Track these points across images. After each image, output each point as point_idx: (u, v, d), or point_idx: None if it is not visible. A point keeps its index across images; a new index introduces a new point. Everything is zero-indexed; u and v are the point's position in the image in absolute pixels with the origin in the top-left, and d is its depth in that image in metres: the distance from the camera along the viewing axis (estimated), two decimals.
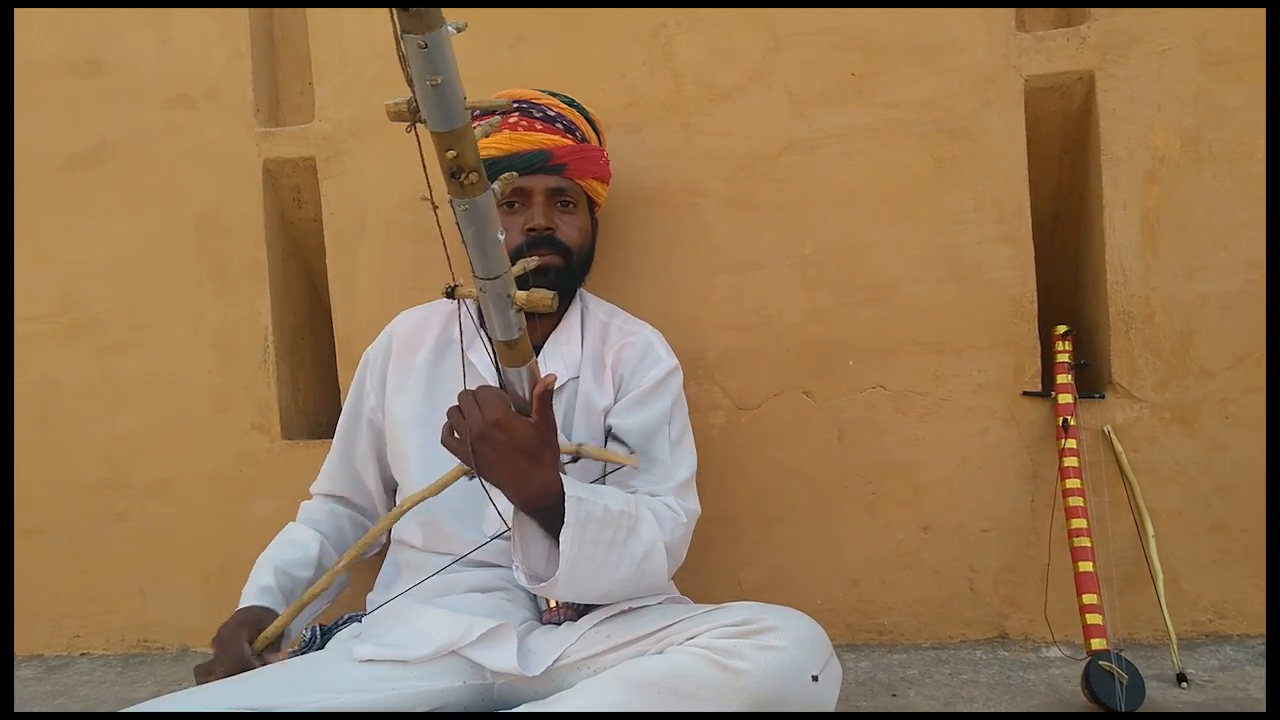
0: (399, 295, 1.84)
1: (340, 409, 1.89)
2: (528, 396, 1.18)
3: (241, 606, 1.42)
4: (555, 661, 1.26)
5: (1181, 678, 1.49)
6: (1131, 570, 1.64)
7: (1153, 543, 1.59)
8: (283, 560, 1.52)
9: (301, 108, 1.98)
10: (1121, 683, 1.38)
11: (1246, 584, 1.63)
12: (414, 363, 1.58)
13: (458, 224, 1.01)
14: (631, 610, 1.31)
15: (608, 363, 1.52)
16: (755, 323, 1.75)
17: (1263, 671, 1.52)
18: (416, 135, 0.98)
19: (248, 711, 1.17)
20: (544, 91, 1.56)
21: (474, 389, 1.19)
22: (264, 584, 1.47)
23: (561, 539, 1.18)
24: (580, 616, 1.35)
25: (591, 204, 1.59)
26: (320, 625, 1.81)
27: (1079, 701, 1.45)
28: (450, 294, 1.15)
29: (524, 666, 1.24)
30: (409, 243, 1.85)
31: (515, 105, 1.53)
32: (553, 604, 1.37)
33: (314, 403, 2.03)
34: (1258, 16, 1.58)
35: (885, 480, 1.73)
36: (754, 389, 1.75)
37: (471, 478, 1.26)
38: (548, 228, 1.48)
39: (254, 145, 1.89)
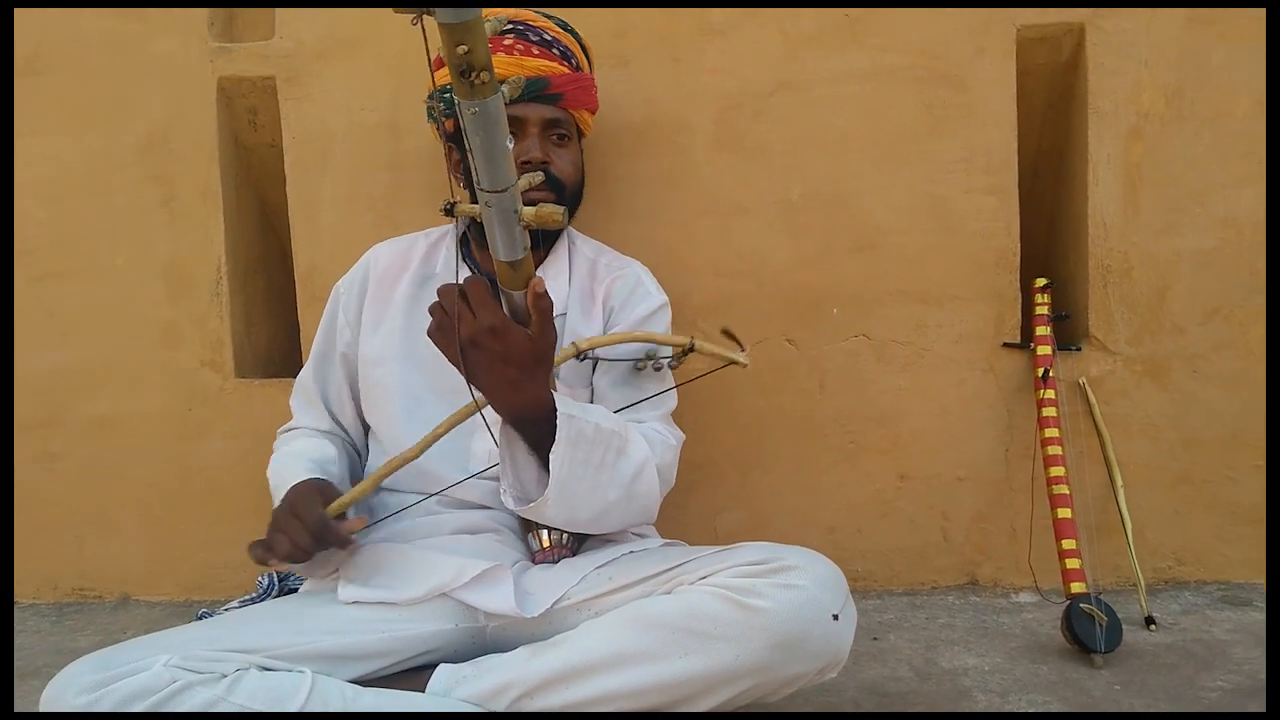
0: (368, 226, 1.75)
1: (299, 347, 1.80)
2: (523, 303, 1.11)
3: (294, 483, 1.27)
4: (555, 603, 1.22)
5: (1150, 620, 1.53)
6: (1099, 519, 1.68)
7: (1121, 493, 1.63)
8: (313, 456, 1.40)
9: (258, 23, 1.84)
10: (1101, 625, 1.41)
11: (1206, 533, 1.69)
12: (392, 297, 1.50)
13: (464, 132, 0.92)
14: (632, 554, 1.28)
15: (598, 296, 1.47)
16: (740, 268, 1.72)
17: (1223, 615, 1.58)
18: (423, 29, 0.89)
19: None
20: (538, 12, 1.48)
21: (461, 283, 1.09)
22: (306, 469, 1.33)
23: (552, 457, 1.14)
24: (575, 557, 1.31)
25: (580, 136, 1.53)
26: (275, 573, 1.75)
27: (1055, 643, 1.49)
28: (449, 210, 1.08)
29: (522, 608, 1.20)
30: (379, 170, 1.75)
31: (511, 25, 1.46)
32: (546, 543, 1.32)
33: (267, 340, 1.92)
34: None
35: (865, 429, 1.73)
36: (739, 332, 1.72)
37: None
38: (544, 161, 1.41)
39: (208, 62, 1.76)
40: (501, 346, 1.09)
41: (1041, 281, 1.70)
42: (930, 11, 1.66)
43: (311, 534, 1.17)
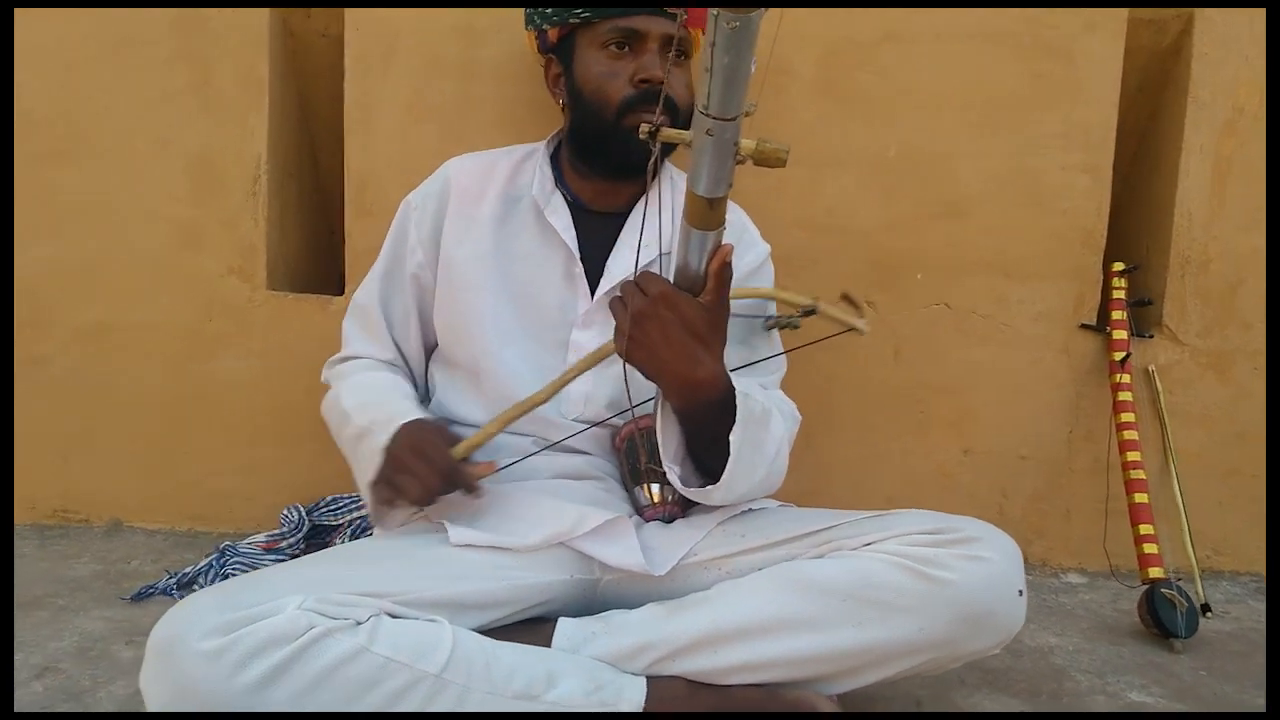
0: (430, 139, 1.59)
1: (338, 261, 1.64)
2: (701, 268, 1.02)
3: (407, 420, 1.14)
4: (680, 560, 1.13)
5: (1206, 608, 1.56)
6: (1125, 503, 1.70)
7: (1175, 482, 1.65)
8: (404, 391, 1.27)
9: None
10: (1181, 610, 1.42)
11: (1245, 525, 1.74)
12: (477, 216, 1.36)
13: (712, 46, 0.81)
14: (752, 511, 1.20)
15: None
16: (827, 224, 1.65)
17: (1263, 606, 1.62)
18: None
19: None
20: None
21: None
22: (408, 405, 1.20)
23: (733, 439, 1.05)
24: (685, 515, 1.23)
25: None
26: (301, 507, 1.60)
27: (1123, 625, 1.50)
28: (652, 135, 0.97)
29: (650, 564, 1.11)
30: (447, 78, 1.59)
31: None
32: (656, 498, 1.23)
33: (297, 251, 1.74)
34: None
35: (935, 400, 1.69)
36: (817, 294, 1.65)
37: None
38: (663, 80, 1.30)
39: None
40: (676, 315, 1.00)
41: (1120, 266, 1.70)
42: None
43: (442, 477, 1.06)
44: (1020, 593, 1.02)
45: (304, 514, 1.54)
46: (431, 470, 1.07)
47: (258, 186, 1.59)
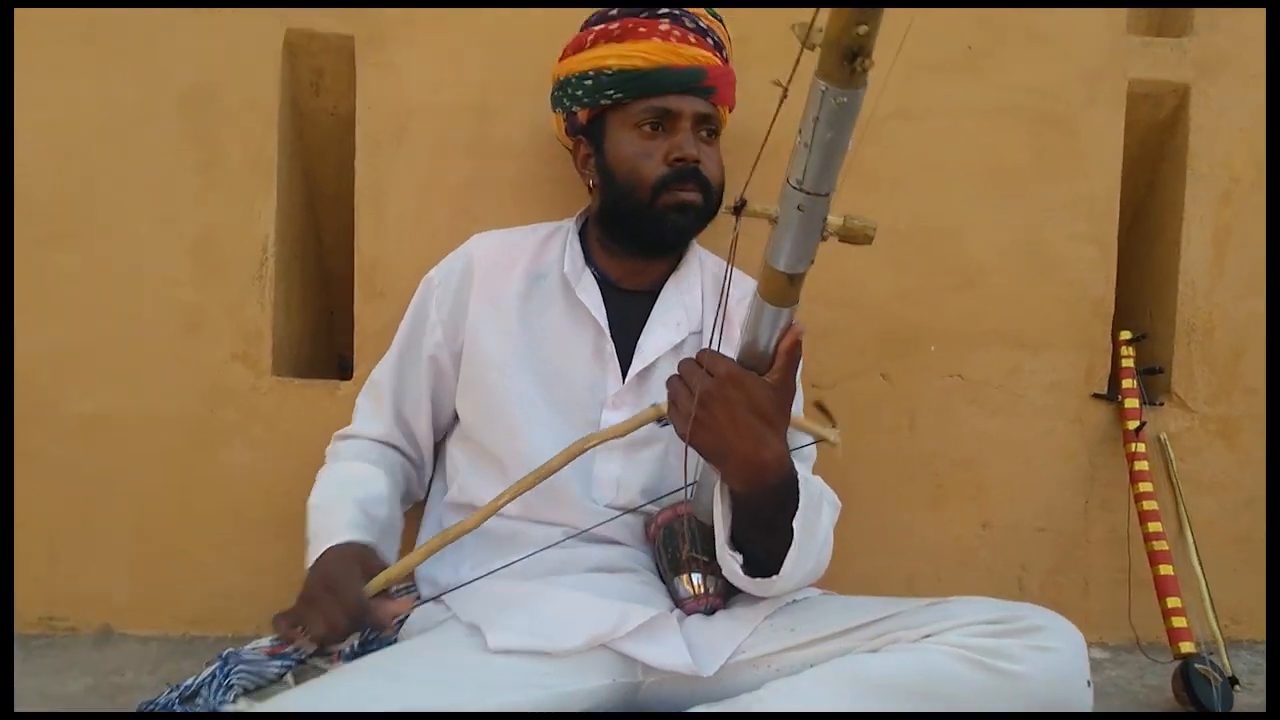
0: (443, 219, 1.57)
1: (349, 344, 1.61)
2: (770, 345, 1.00)
3: (334, 544, 1.12)
4: (729, 658, 1.09)
5: (1234, 680, 1.55)
6: (1144, 575, 1.69)
7: (1193, 550, 1.65)
8: (361, 495, 1.24)
9: None
10: (1215, 685, 1.41)
11: (1260, 592, 1.73)
12: (503, 294, 1.34)
13: (815, 120, 0.81)
14: (798, 601, 1.17)
15: (735, 318, 1.36)
16: (841, 296, 1.65)
17: None
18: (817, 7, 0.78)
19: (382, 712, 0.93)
20: None
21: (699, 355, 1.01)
22: (350, 518, 1.18)
23: (796, 525, 1.02)
24: (726, 605, 1.19)
25: None
26: None
27: (1154, 702, 1.48)
28: (738, 209, 0.95)
29: (697, 663, 1.07)
30: (461, 156, 1.57)
31: (665, 9, 1.33)
32: (698, 589, 1.19)
33: (300, 334, 1.69)
34: None
35: (952, 472, 1.68)
36: (831, 367, 1.65)
37: (664, 423, 1.07)
38: (697, 159, 1.29)
39: (276, 11, 1.53)
40: (743, 395, 0.98)
41: (1128, 334, 1.71)
42: (1048, 53, 1.65)
43: (349, 616, 1.04)
44: (1089, 683, 1.00)
45: None
46: (338, 607, 1.03)
47: (264, 269, 1.55)
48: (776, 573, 1.05)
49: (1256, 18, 1.67)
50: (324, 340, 1.80)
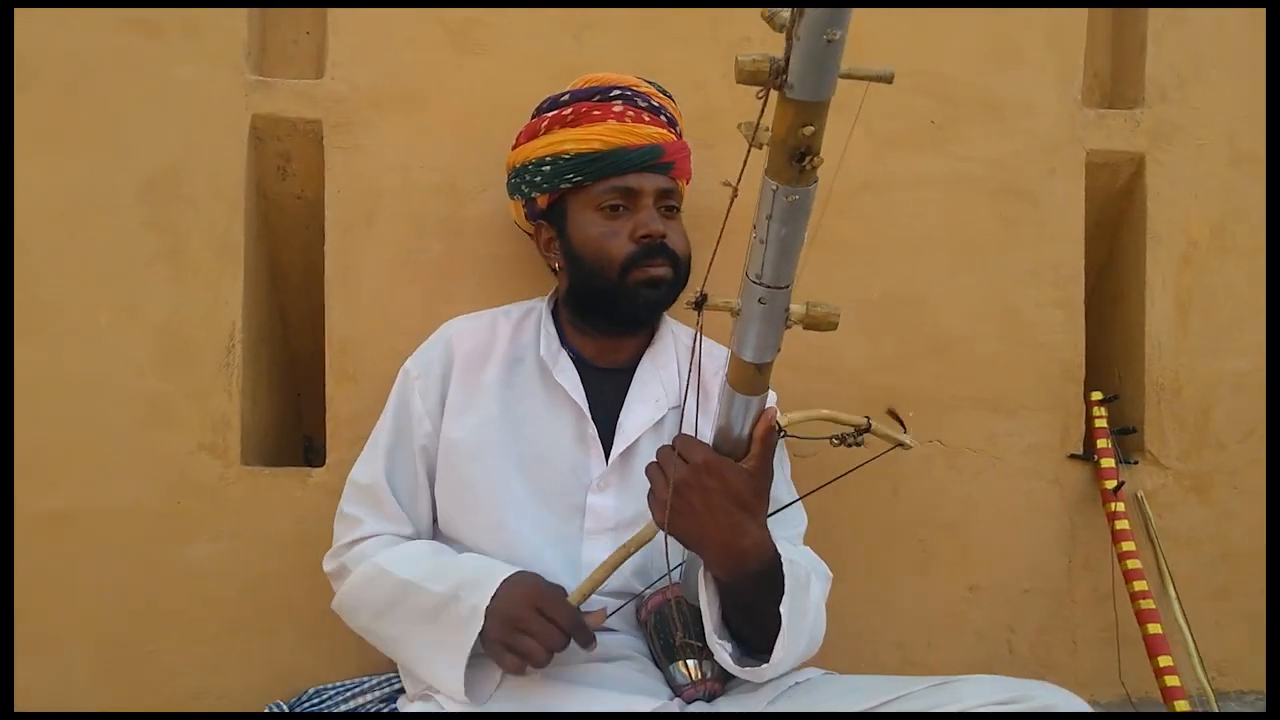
0: (416, 300, 1.54)
1: (320, 431, 1.56)
2: (744, 432, 1.00)
3: (503, 578, 1.11)
4: None
5: None
6: (1131, 631, 1.70)
7: (1176, 605, 1.66)
8: (457, 550, 1.26)
9: (293, 59, 1.62)
10: None
11: (1244, 643, 1.75)
12: (481, 382, 1.32)
13: (768, 218, 0.83)
14: (799, 685, 1.15)
15: (711, 390, 1.35)
16: (818, 365, 1.65)
17: None
18: (763, 104, 0.79)
19: None
20: (641, 79, 1.38)
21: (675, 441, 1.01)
22: (483, 561, 1.19)
23: (784, 610, 1.01)
24: (731, 692, 1.16)
25: None
26: (282, 701, 1.48)
27: None
28: (699, 305, 0.96)
29: None
30: (432, 237, 1.56)
31: (617, 90, 1.34)
32: (695, 675, 1.16)
33: (268, 422, 1.64)
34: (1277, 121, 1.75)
35: (936, 537, 1.68)
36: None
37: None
38: (663, 234, 1.30)
39: (241, 96, 1.51)
40: (719, 482, 0.98)
41: (1098, 395, 1.74)
42: (1007, 126, 1.69)
43: (566, 633, 1.04)
44: None
45: (281, 708, 1.41)
46: (554, 628, 1.03)
47: (232, 356, 1.50)
48: (768, 658, 1.04)
49: (1204, 89, 1.74)
50: (291, 425, 1.75)
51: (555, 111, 1.32)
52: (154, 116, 1.50)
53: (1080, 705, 1.00)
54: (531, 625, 1.04)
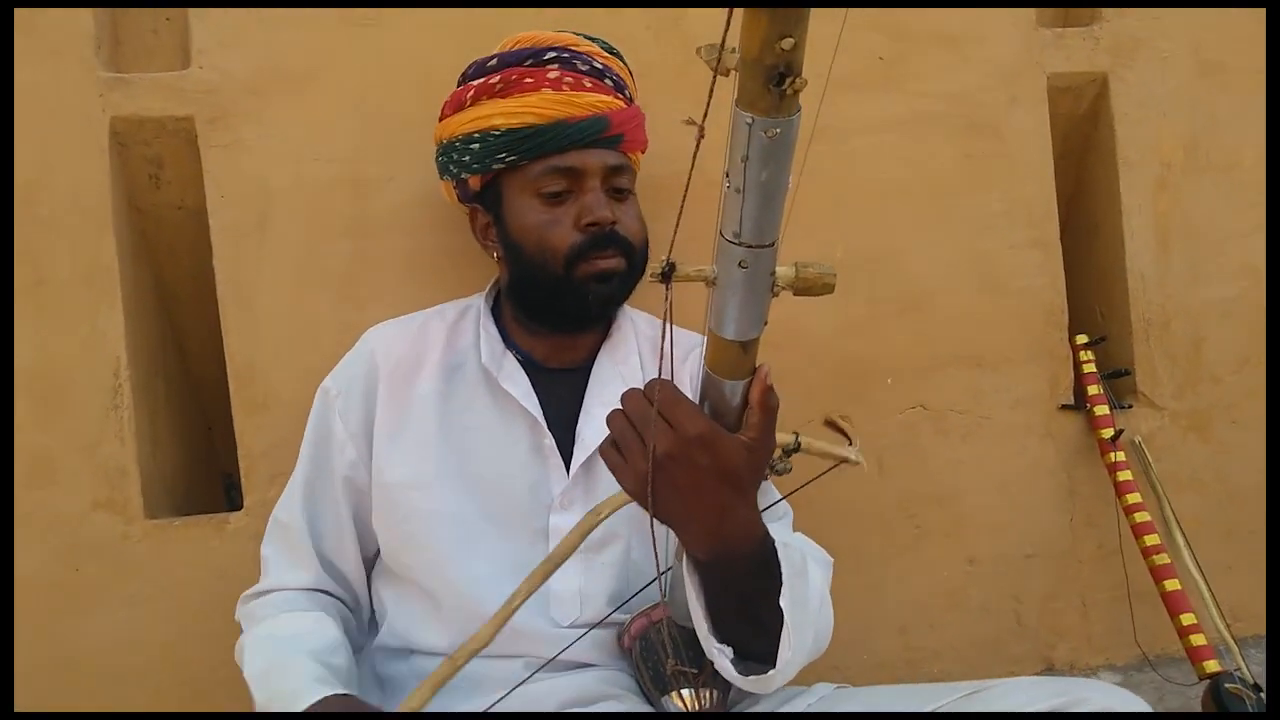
0: (325, 308, 1.37)
1: (234, 470, 1.38)
2: (736, 403, 0.82)
3: (305, 706, 0.92)
4: None
5: (1258, 688, 1.44)
6: (1141, 587, 1.59)
7: (1188, 555, 1.55)
8: (313, 646, 1.03)
9: (153, 51, 1.41)
10: (1250, 702, 1.30)
11: (1257, 585, 1.65)
12: (413, 395, 1.15)
13: (744, 160, 0.66)
14: (811, 707, 1.00)
15: (683, 380, 1.19)
16: (782, 339, 1.47)
17: None
18: (728, 18, 0.62)
19: None
20: (582, 36, 1.21)
21: (651, 390, 0.80)
22: (311, 672, 0.97)
23: (785, 602, 0.85)
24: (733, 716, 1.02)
25: None
26: None
27: None
28: (666, 276, 0.77)
29: None
30: (337, 237, 1.38)
31: (552, 52, 1.16)
32: (690, 707, 1.01)
33: (175, 464, 1.45)
34: (1243, 26, 1.63)
35: (927, 511, 1.55)
36: (786, 414, 1.47)
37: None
38: (613, 220, 1.13)
39: (96, 97, 1.30)
40: (711, 459, 0.79)
41: (1083, 338, 1.62)
42: (961, 56, 1.55)
43: None
44: None
45: None
46: None
47: (120, 397, 1.31)
48: (774, 662, 0.87)
49: None
50: (204, 465, 1.56)
51: (482, 80, 1.14)
52: None
53: (1139, 705, 0.87)
54: None
